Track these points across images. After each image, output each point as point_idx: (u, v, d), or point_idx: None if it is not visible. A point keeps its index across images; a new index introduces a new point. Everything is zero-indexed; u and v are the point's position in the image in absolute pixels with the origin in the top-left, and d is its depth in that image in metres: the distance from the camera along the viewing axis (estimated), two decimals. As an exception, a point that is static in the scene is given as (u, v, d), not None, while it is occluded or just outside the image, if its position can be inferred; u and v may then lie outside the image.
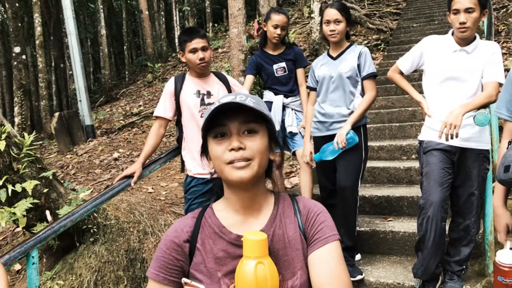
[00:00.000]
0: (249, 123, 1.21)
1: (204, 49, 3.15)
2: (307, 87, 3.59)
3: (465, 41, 2.81)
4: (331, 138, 3.33)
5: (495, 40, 3.41)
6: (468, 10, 2.67)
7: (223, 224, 1.27)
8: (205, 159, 1.31)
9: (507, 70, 5.86)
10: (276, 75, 3.88)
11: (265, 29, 3.84)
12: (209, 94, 3.23)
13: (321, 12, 3.35)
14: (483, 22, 4.29)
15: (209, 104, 3.20)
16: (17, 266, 4.07)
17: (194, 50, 3.14)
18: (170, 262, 1.23)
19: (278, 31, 3.73)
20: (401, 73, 3.11)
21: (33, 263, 2.58)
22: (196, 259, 1.24)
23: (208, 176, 3.16)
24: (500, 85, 2.69)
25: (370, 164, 4.64)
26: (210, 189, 3.19)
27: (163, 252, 1.24)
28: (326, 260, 1.19)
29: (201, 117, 3.18)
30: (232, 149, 1.18)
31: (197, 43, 3.13)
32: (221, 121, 1.20)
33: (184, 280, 1.17)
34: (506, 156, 1.98)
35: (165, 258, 1.24)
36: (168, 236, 1.27)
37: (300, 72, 3.89)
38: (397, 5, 12.17)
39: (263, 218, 1.28)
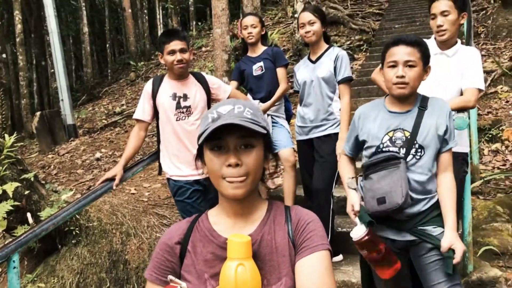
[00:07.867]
0: (246, 138, 1.21)
1: (182, 51, 3.11)
2: (294, 91, 3.62)
3: (446, 45, 2.85)
4: (311, 142, 3.39)
5: (474, 42, 3.47)
6: (444, 14, 2.74)
7: (214, 228, 1.31)
8: (199, 162, 1.32)
9: (486, 72, 5.94)
10: (254, 74, 3.92)
11: (242, 36, 4.00)
12: (185, 97, 3.20)
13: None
14: (463, 25, 4.35)
15: (185, 107, 3.18)
16: (-2, 269, 4.02)
17: (172, 52, 3.11)
18: (163, 263, 1.30)
19: (248, 30, 3.86)
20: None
21: (14, 267, 2.56)
22: (187, 261, 1.30)
23: (187, 178, 3.17)
24: (480, 91, 2.73)
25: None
26: (196, 189, 3.19)
27: (157, 254, 1.32)
28: (312, 269, 1.19)
29: (177, 120, 3.17)
30: (229, 165, 1.19)
31: (175, 45, 3.09)
32: (218, 134, 1.19)
33: (169, 277, 1.24)
34: (374, 190, 2.15)
35: (158, 259, 1.31)
36: (162, 238, 1.35)
37: (280, 71, 3.89)
38: (380, 5, 12.28)
39: (253, 223, 1.30)
